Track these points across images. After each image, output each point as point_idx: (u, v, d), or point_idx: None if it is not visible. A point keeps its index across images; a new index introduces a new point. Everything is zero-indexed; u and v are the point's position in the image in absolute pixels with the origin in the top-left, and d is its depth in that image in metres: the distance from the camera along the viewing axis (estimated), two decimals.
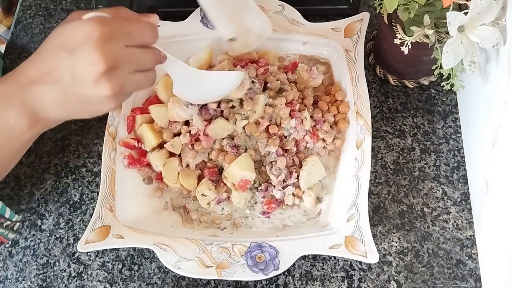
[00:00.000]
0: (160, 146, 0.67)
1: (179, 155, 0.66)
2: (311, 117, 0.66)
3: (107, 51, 0.41)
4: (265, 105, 0.65)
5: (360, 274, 0.62)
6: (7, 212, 0.58)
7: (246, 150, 0.65)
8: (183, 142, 0.65)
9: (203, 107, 0.65)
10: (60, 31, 0.43)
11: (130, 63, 0.44)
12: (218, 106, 0.65)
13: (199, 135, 0.65)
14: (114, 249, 0.65)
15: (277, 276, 0.62)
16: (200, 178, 0.65)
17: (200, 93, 0.59)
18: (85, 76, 0.41)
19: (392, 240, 0.64)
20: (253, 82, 0.66)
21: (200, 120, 0.64)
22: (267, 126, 0.65)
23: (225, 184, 0.64)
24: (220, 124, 0.64)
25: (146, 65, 0.47)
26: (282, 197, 0.64)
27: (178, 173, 0.65)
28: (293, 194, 0.64)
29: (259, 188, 0.64)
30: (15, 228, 0.62)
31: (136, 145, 0.67)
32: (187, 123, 0.66)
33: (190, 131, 0.65)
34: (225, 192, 0.65)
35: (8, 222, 0.59)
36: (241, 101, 0.65)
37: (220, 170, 0.66)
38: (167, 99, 0.67)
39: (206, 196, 0.63)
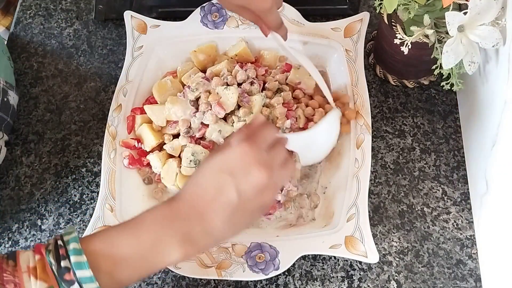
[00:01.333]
0: (160, 146, 0.67)
1: (179, 156, 0.66)
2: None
3: (262, 162, 0.45)
4: (262, 106, 0.65)
5: (360, 274, 0.62)
6: None
7: None
8: (182, 143, 0.65)
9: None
10: (214, 161, 0.47)
11: (276, 162, 0.48)
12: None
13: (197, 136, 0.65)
14: None
15: (277, 276, 0.62)
16: None
17: (316, 151, 0.63)
18: (251, 191, 0.45)
19: (392, 240, 0.64)
20: (252, 83, 0.66)
21: (198, 122, 0.65)
22: None
23: None
24: (218, 126, 0.64)
25: (285, 157, 0.51)
26: (284, 199, 0.64)
27: (177, 174, 0.65)
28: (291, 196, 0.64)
29: None
30: None
31: (136, 145, 0.67)
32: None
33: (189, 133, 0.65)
34: None
35: None
36: (238, 105, 0.65)
37: None
38: (162, 100, 0.68)
39: None
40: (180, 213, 0.46)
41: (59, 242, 0.43)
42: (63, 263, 0.42)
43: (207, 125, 0.64)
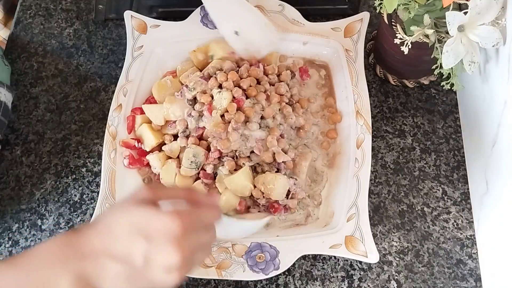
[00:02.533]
0: (160, 146, 0.67)
1: (178, 157, 0.66)
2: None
3: (185, 247, 0.42)
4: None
5: (360, 274, 0.62)
6: None
7: (235, 158, 0.64)
8: (180, 144, 0.65)
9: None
10: (135, 213, 0.43)
11: (200, 250, 0.45)
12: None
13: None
14: None
15: (277, 275, 0.62)
16: (196, 180, 0.65)
17: (229, 233, 0.60)
18: (158, 265, 0.42)
19: (392, 240, 0.64)
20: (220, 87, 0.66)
21: (194, 122, 0.65)
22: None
23: (216, 187, 0.64)
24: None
25: (209, 244, 0.48)
26: (292, 203, 0.64)
27: (176, 174, 0.65)
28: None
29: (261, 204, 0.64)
30: None
31: (136, 145, 0.67)
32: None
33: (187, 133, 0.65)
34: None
35: None
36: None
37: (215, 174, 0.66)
38: (162, 100, 0.68)
39: None
40: (79, 251, 0.43)
41: None
42: None
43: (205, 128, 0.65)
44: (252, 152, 0.64)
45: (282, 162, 0.63)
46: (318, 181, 0.66)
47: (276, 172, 0.63)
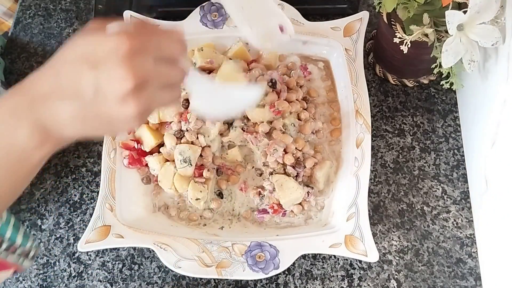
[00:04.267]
0: (159, 147, 0.67)
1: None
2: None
3: (136, 67, 0.37)
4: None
5: (360, 273, 0.62)
6: (19, 238, 0.51)
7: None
8: (172, 145, 0.65)
9: None
10: (81, 42, 0.38)
11: (158, 80, 0.40)
12: None
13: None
14: (114, 249, 0.65)
15: (277, 275, 0.62)
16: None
17: (219, 108, 0.54)
18: (110, 93, 0.37)
19: (392, 239, 0.64)
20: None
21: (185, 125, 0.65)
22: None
23: (227, 180, 0.66)
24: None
25: (174, 81, 0.42)
26: (296, 209, 0.64)
27: (174, 174, 0.65)
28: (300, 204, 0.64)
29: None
30: (31, 255, 0.54)
31: (136, 146, 0.67)
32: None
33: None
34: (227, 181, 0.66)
35: (21, 250, 0.52)
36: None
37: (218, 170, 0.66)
38: None
39: (199, 199, 0.63)
40: (28, 99, 0.39)
41: None
42: None
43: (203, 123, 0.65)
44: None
45: (302, 169, 0.64)
46: (326, 190, 0.65)
47: (295, 176, 0.64)
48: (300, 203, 0.64)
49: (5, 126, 0.39)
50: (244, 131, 0.65)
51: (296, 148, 0.65)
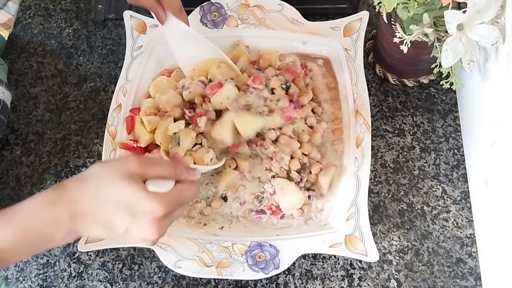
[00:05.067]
0: (157, 146, 0.67)
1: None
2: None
3: (162, 227, 0.47)
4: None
5: (360, 273, 0.62)
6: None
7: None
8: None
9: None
10: (125, 190, 0.45)
11: (173, 221, 0.50)
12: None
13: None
14: (114, 249, 0.65)
15: (277, 275, 0.62)
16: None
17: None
18: (136, 236, 0.47)
19: (392, 239, 0.64)
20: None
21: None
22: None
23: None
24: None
25: (182, 213, 0.54)
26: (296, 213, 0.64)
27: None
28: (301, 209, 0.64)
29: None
30: None
31: (135, 146, 0.66)
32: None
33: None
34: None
35: None
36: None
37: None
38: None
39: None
40: (69, 209, 0.46)
41: None
42: None
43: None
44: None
45: (306, 174, 0.63)
46: (328, 194, 0.65)
47: (299, 182, 0.64)
48: (300, 208, 0.63)
49: (47, 227, 0.46)
50: (248, 144, 0.65)
51: (302, 153, 0.64)
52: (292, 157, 0.63)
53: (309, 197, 0.63)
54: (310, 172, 0.64)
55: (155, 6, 0.61)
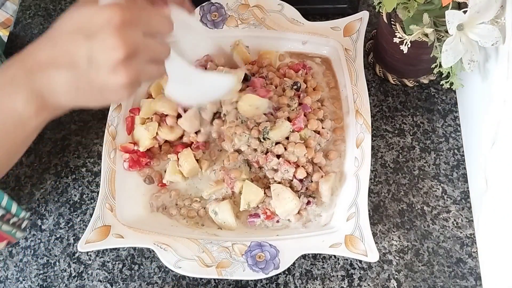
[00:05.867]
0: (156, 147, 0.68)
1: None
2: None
3: (127, 37, 0.39)
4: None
5: (360, 273, 0.62)
6: (14, 207, 0.53)
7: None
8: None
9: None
10: (76, 15, 0.41)
11: (147, 52, 0.42)
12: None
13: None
14: (115, 249, 0.65)
15: (277, 275, 0.62)
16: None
17: (193, 94, 0.56)
18: (103, 62, 0.40)
19: (392, 239, 0.64)
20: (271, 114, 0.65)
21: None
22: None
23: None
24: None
25: (160, 56, 0.45)
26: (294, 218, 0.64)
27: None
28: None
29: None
30: (23, 226, 0.55)
31: (134, 149, 0.66)
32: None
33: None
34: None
35: (15, 219, 0.54)
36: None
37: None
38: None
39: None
40: (25, 68, 0.41)
41: None
42: None
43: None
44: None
45: (307, 182, 0.63)
46: (327, 204, 0.64)
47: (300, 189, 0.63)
48: (298, 212, 0.63)
49: (3, 93, 0.41)
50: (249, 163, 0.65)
51: (307, 159, 0.63)
52: (297, 166, 0.63)
53: (308, 202, 0.63)
54: (311, 181, 0.63)
55: None
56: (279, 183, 0.63)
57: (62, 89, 0.42)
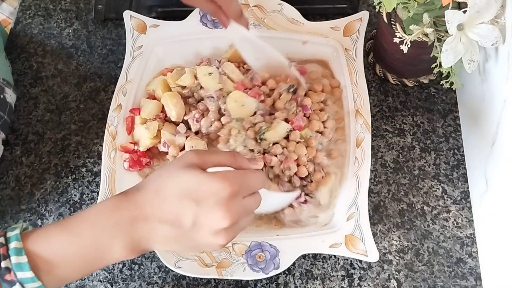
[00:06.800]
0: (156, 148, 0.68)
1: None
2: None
3: (233, 210, 0.43)
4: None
5: (360, 273, 0.62)
6: None
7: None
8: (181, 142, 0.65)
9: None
10: (185, 178, 0.44)
11: (246, 215, 0.46)
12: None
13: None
14: None
15: (277, 275, 0.62)
16: None
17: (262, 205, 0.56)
18: (207, 227, 0.43)
19: (392, 239, 0.64)
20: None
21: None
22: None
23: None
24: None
25: (253, 210, 0.48)
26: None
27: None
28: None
29: None
30: None
31: (134, 149, 0.66)
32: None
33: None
34: None
35: None
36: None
37: None
38: (160, 96, 0.68)
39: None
40: (129, 215, 0.44)
41: (1, 239, 0.42)
42: (3, 264, 0.41)
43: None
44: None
45: (307, 182, 0.63)
46: (326, 205, 0.63)
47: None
48: (291, 206, 0.62)
49: (104, 235, 0.44)
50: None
51: (308, 158, 0.63)
52: (298, 165, 0.62)
53: (305, 201, 0.62)
54: (311, 181, 0.63)
55: (217, 12, 0.62)
56: (277, 176, 0.63)
57: (160, 240, 0.45)
